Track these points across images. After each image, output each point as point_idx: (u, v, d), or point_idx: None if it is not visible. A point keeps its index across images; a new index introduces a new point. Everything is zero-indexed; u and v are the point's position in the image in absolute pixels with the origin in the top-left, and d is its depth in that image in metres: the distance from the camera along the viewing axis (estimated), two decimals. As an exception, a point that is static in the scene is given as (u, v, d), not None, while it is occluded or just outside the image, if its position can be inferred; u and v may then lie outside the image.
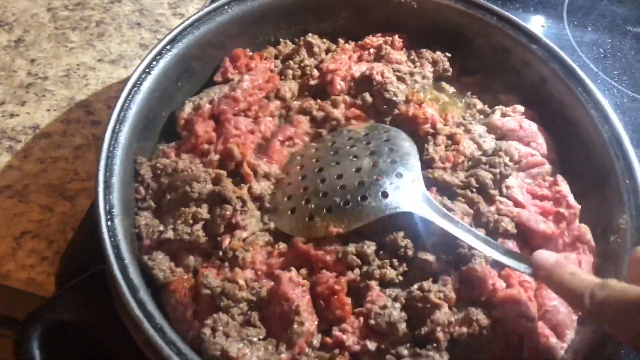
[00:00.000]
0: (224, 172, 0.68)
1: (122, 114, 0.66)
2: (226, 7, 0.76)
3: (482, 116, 0.77)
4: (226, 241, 0.63)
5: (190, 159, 0.71)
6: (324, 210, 0.64)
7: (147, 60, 0.70)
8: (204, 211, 0.64)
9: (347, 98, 0.77)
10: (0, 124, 0.81)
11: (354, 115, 0.76)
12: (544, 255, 0.56)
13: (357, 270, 0.61)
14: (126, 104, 0.67)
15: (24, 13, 0.93)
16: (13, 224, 0.73)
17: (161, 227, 0.65)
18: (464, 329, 0.58)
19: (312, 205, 0.65)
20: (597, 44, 1.03)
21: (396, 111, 0.75)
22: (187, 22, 0.73)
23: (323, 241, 0.63)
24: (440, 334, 0.57)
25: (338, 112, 0.75)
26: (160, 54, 0.71)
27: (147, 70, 0.70)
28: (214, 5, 0.76)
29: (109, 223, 0.59)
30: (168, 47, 0.72)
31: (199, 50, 0.75)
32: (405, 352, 0.57)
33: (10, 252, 0.71)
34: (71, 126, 0.82)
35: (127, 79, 0.68)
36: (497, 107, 0.77)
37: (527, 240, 0.65)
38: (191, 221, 0.64)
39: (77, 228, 0.73)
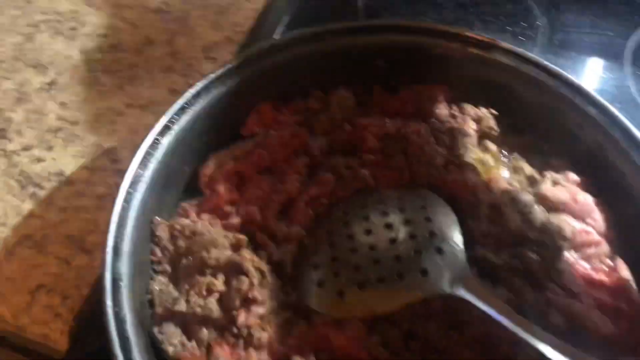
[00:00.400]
0: (244, 239, 0.63)
1: (138, 172, 0.63)
2: (256, 59, 0.72)
3: (530, 183, 0.70)
4: (241, 317, 0.59)
5: (210, 220, 0.67)
6: (356, 287, 0.58)
7: (170, 114, 0.67)
8: (219, 282, 0.60)
9: (379, 157, 0.72)
10: (26, 169, 0.80)
11: (385, 177, 0.70)
12: None
13: None
14: (144, 160, 0.64)
15: (59, 55, 0.93)
16: (30, 277, 0.71)
17: (175, 294, 0.62)
18: None
19: (343, 280, 0.59)
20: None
21: (433, 174, 0.69)
22: (213, 76, 0.70)
23: (345, 322, 0.58)
24: None
25: (368, 173, 0.70)
26: (183, 109, 0.68)
27: (169, 124, 0.67)
28: (243, 56, 0.72)
29: (114, 295, 0.55)
30: (192, 100, 0.69)
31: (225, 103, 0.72)
32: None
33: (25, 306, 0.69)
34: (96, 175, 0.80)
35: (149, 131, 0.66)
36: (547, 173, 0.70)
37: (582, 339, 0.57)
38: (205, 293, 0.60)
39: (92, 284, 0.70)
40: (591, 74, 0.97)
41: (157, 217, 0.65)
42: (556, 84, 0.71)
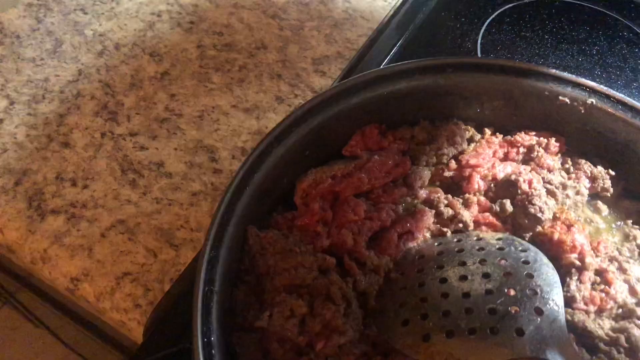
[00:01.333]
0: (333, 261, 0.62)
1: (243, 182, 0.63)
2: (371, 83, 0.71)
3: (643, 255, 0.65)
4: (320, 344, 0.57)
5: (300, 237, 0.66)
6: (444, 334, 0.55)
7: (279, 130, 0.67)
8: (304, 306, 0.59)
9: (483, 200, 0.69)
10: (130, 155, 0.82)
11: (487, 222, 0.67)
12: None
13: None
14: (250, 170, 0.64)
15: (175, 47, 0.95)
16: (118, 262, 0.73)
17: (257, 305, 0.61)
18: None
19: (431, 324, 0.56)
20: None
21: (539, 229, 0.65)
22: (327, 94, 0.69)
23: None
24: None
25: (469, 214, 0.67)
26: (294, 124, 0.67)
27: (279, 138, 0.67)
28: (358, 78, 0.71)
29: (205, 301, 0.55)
30: (304, 117, 0.68)
31: (333, 122, 0.71)
32: None
33: (109, 290, 0.71)
34: (193, 170, 0.81)
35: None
36: (664, 248, 0.64)
37: None
38: (289, 313, 0.59)
39: (175, 281, 0.71)
40: None
41: (251, 227, 0.65)
42: (689, 152, 0.65)
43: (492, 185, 0.70)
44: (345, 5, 1.03)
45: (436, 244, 0.65)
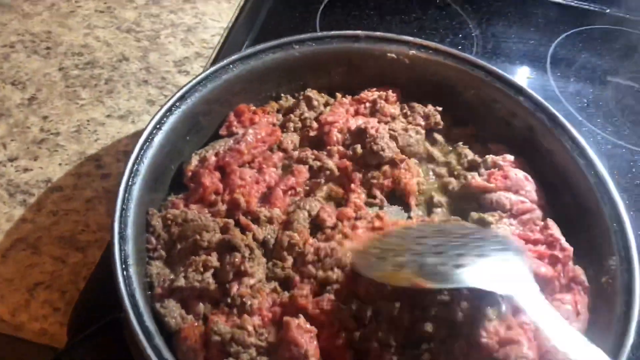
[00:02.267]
0: (231, 221, 0.71)
1: (134, 168, 0.70)
2: (231, 66, 0.81)
3: (470, 166, 0.82)
4: (234, 288, 0.66)
5: (198, 209, 0.74)
6: (417, 267, 0.62)
7: (158, 116, 0.74)
8: (213, 259, 0.67)
9: (342, 149, 0.82)
10: (14, 179, 0.85)
11: (345, 166, 0.80)
12: None
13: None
14: (138, 158, 0.71)
15: (37, 73, 0.98)
16: (26, 276, 0.75)
17: (172, 276, 0.68)
18: None
19: (404, 259, 0.64)
20: (580, 94, 1.10)
21: (384, 167, 0.80)
22: (195, 80, 0.78)
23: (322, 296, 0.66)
24: None
25: (332, 162, 0.79)
26: (170, 110, 0.75)
27: (158, 126, 0.74)
28: (219, 64, 0.81)
29: (125, 272, 0.61)
30: (177, 103, 0.76)
31: (205, 106, 0.80)
32: None
33: (23, 303, 0.73)
34: (82, 180, 0.85)
35: (139, 134, 0.73)
36: (487, 156, 0.81)
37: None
38: (202, 269, 0.67)
39: (89, 278, 0.75)
40: (520, 76, 1.12)
41: (152, 209, 0.72)
42: (492, 80, 0.83)
43: (347, 136, 0.83)
44: (194, 11, 1.12)
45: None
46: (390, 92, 0.89)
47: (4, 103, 0.94)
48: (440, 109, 0.87)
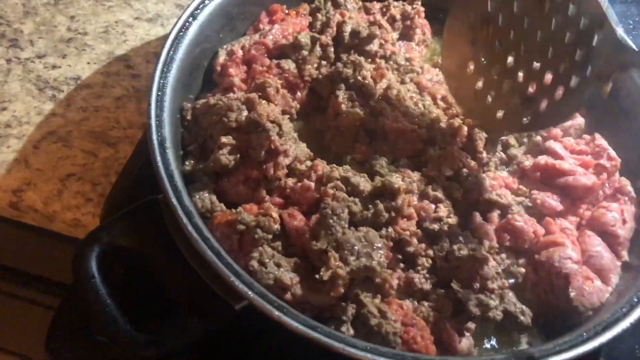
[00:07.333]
0: (255, 95, 0.70)
1: (170, 55, 0.68)
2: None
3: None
4: (270, 168, 0.66)
5: (222, 93, 0.73)
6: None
7: (193, 6, 0.72)
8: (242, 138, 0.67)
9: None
10: (43, 75, 0.84)
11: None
12: None
13: None
14: (174, 45, 0.70)
15: (63, -29, 0.95)
16: (58, 167, 0.75)
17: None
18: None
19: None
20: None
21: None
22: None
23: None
24: (493, 285, 0.60)
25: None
26: (203, 2, 0.73)
27: (191, 17, 0.73)
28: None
29: (163, 153, 0.61)
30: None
31: (239, 6, 0.78)
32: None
33: (56, 193, 0.73)
34: (111, 78, 0.84)
35: (173, 27, 0.71)
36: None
37: (568, 192, 0.67)
38: (236, 150, 0.66)
39: (120, 172, 0.75)
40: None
41: (186, 103, 0.71)
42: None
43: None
44: None
45: None
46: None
47: (29, 1, 0.92)
48: None
